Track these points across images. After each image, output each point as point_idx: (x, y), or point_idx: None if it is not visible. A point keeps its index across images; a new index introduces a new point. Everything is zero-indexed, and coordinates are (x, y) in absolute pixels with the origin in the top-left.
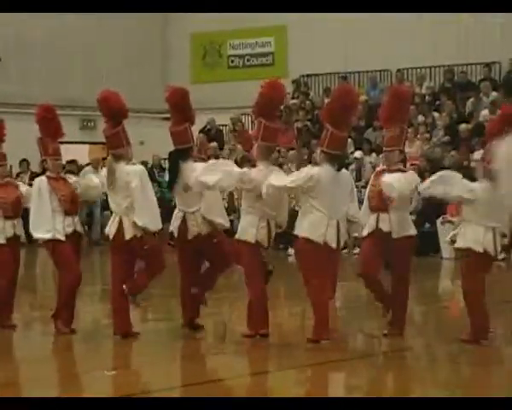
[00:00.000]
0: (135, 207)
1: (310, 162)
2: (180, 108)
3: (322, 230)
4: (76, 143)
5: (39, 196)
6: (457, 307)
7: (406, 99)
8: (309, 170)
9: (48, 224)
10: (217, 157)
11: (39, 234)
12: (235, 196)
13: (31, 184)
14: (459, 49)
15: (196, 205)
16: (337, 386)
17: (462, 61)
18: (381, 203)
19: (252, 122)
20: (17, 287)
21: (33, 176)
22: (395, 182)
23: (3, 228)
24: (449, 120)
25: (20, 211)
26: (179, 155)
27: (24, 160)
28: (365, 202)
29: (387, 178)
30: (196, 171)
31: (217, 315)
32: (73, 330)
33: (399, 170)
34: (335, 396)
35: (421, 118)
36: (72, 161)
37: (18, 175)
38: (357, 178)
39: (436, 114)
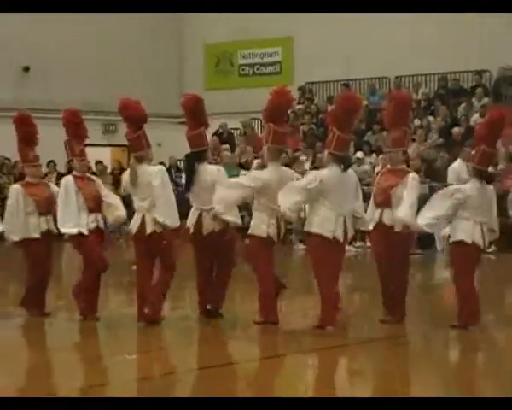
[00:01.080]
0: (156, 204)
1: (313, 162)
2: (194, 113)
3: (332, 226)
4: (99, 145)
5: (66, 193)
6: (452, 296)
7: (407, 103)
8: (317, 173)
9: (74, 219)
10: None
11: (66, 229)
12: None
13: (58, 184)
14: (452, 58)
15: (211, 203)
16: (340, 369)
17: (454, 68)
18: (385, 200)
19: (261, 126)
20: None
21: (60, 176)
22: (406, 217)
23: (38, 224)
24: (443, 124)
25: (52, 208)
26: (195, 158)
27: (51, 161)
28: (372, 199)
29: (399, 213)
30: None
31: (230, 305)
32: (97, 317)
33: (402, 169)
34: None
35: (417, 121)
36: (100, 162)
37: (45, 175)
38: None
39: (431, 118)
